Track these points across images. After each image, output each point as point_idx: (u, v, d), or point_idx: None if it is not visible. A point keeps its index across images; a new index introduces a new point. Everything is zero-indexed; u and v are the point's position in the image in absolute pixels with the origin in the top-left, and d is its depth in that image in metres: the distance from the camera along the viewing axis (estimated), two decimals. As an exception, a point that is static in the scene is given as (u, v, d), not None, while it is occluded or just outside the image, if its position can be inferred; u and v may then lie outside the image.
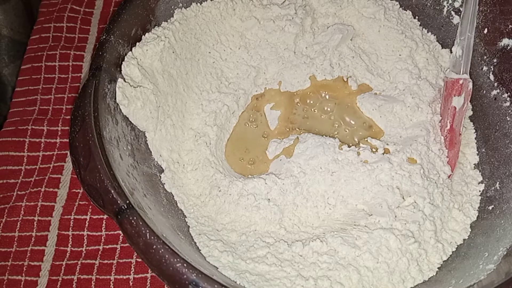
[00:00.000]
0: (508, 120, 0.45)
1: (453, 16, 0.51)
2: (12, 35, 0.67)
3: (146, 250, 0.31)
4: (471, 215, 0.43)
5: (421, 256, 0.39)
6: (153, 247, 0.31)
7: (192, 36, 0.48)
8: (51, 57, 0.61)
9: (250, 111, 0.50)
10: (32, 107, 0.58)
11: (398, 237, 0.39)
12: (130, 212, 0.31)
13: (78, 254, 0.48)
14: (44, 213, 0.51)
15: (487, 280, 0.34)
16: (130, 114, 0.41)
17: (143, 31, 0.44)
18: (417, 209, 0.41)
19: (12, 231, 0.50)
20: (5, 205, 0.51)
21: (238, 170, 0.47)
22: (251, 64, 0.51)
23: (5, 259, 0.48)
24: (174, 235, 0.36)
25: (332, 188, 0.42)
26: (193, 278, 0.29)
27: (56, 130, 0.56)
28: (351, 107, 0.50)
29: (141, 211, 0.32)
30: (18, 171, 0.53)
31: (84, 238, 0.49)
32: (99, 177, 0.32)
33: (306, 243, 0.39)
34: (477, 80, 0.48)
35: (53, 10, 0.65)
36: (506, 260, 0.36)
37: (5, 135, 0.55)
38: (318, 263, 0.38)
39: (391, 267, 0.38)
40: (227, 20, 0.51)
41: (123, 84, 0.40)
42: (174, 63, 0.46)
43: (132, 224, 0.31)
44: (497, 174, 0.44)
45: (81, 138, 0.34)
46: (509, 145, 0.44)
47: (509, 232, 0.39)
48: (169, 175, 0.43)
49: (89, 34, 0.64)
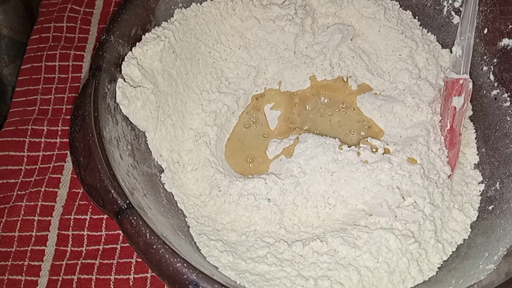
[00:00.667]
0: (508, 120, 0.45)
1: (453, 16, 0.51)
2: (12, 35, 0.67)
3: (146, 250, 0.31)
4: (471, 215, 0.43)
5: (421, 256, 0.39)
6: (153, 247, 0.31)
7: (192, 36, 0.48)
8: (51, 57, 0.61)
9: (250, 111, 0.50)
10: (32, 107, 0.58)
11: (398, 237, 0.39)
12: (130, 212, 0.31)
13: (78, 254, 0.48)
14: (44, 213, 0.51)
15: (487, 280, 0.34)
16: (130, 114, 0.41)
17: (143, 31, 0.44)
18: (417, 209, 0.41)
19: (12, 231, 0.50)
20: (5, 205, 0.51)
21: (238, 170, 0.47)
22: (251, 64, 0.51)
23: (5, 259, 0.48)
24: (174, 235, 0.36)
25: (332, 188, 0.42)
26: (193, 278, 0.29)
27: (56, 130, 0.56)
28: (351, 107, 0.50)
29: (141, 211, 0.32)
30: (18, 171, 0.53)
31: (84, 238, 0.49)
32: (99, 177, 0.32)
33: (306, 243, 0.39)
34: (477, 80, 0.48)
35: (53, 10, 0.65)
36: (506, 260, 0.36)
37: (5, 135, 0.55)
38: (318, 263, 0.38)
39: (391, 267, 0.38)
40: (227, 20, 0.51)
41: (123, 84, 0.40)
42: (174, 63, 0.46)
43: (132, 224, 0.31)
44: (497, 174, 0.44)
45: (81, 138, 0.34)
46: (509, 145, 0.44)
47: (509, 232, 0.39)
48: (169, 175, 0.43)
49: (89, 34, 0.64)
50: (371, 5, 0.53)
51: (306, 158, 0.44)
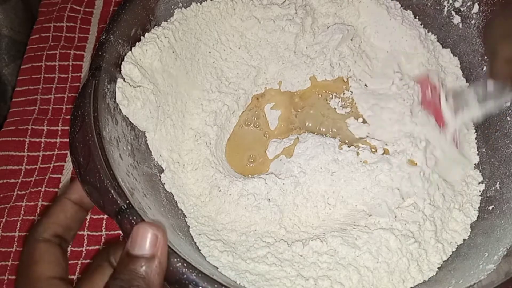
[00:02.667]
0: (508, 120, 0.45)
1: (454, 16, 0.51)
2: (12, 35, 0.67)
3: (146, 250, 0.31)
4: (471, 215, 0.43)
5: (421, 256, 0.39)
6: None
7: (192, 36, 0.48)
8: (51, 57, 0.61)
9: (251, 110, 0.50)
10: (32, 107, 0.58)
11: (398, 237, 0.39)
12: (130, 212, 0.31)
13: (78, 254, 0.48)
14: (44, 213, 0.51)
15: (487, 280, 0.34)
16: (130, 114, 0.41)
17: (143, 31, 0.44)
18: (417, 209, 0.41)
19: (12, 231, 0.50)
20: (5, 205, 0.51)
21: (238, 170, 0.47)
22: (251, 64, 0.51)
23: (5, 259, 0.48)
24: (174, 235, 0.36)
25: (332, 188, 0.42)
26: (193, 278, 0.29)
27: (56, 130, 0.56)
28: (350, 107, 0.50)
29: (141, 211, 0.32)
30: (18, 171, 0.53)
31: (84, 238, 0.49)
32: (99, 177, 0.32)
33: (306, 243, 0.39)
34: (477, 80, 0.48)
35: (53, 9, 0.65)
36: (506, 260, 0.36)
37: (5, 135, 0.55)
38: (318, 263, 0.38)
39: (391, 267, 0.38)
40: (227, 20, 0.51)
41: (123, 84, 0.40)
42: (174, 63, 0.46)
43: (132, 224, 0.31)
44: (497, 174, 0.44)
45: (81, 138, 0.34)
46: (509, 145, 0.44)
47: (509, 232, 0.39)
48: (169, 175, 0.43)
49: (89, 34, 0.64)
50: (373, 5, 0.53)
51: (306, 158, 0.44)
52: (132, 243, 0.29)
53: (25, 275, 0.32)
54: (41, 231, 0.33)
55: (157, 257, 0.29)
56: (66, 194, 0.35)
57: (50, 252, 0.33)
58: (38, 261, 0.32)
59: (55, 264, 0.33)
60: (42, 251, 0.33)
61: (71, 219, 0.35)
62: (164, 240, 0.29)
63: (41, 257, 0.32)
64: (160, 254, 0.29)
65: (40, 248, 0.33)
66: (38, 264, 0.32)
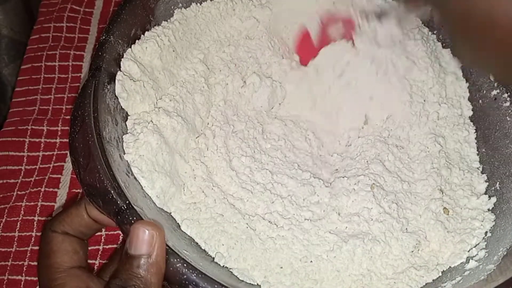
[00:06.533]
0: (508, 120, 0.45)
1: (453, 16, 0.51)
2: (12, 35, 0.67)
3: (146, 250, 0.31)
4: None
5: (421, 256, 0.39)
6: (153, 247, 0.30)
7: (192, 36, 0.48)
8: (51, 57, 0.61)
9: (250, 111, 0.50)
10: (32, 107, 0.58)
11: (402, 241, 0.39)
12: (130, 213, 0.31)
13: (78, 254, 0.48)
14: (44, 213, 0.51)
15: (487, 280, 0.34)
16: (129, 108, 0.40)
17: (142, 31, 0.44)
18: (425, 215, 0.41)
19: (12, 231, 0.50)
20: (5, 205, 0.51)
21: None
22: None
23: (5, 259, 0.48)
24: (175, 235, 0.36)
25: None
26: (193, 278, 0.29)
27: (56, 130, 0.56)
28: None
29: (141, 211, 0.32)
30: (18, 171, 0.53)
31: (84, 238, 0.49)
32: (98, 178, 0.32)
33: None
34: (477, 80, 0.48)
35: (53, 10, 0.65)
36: (506, 260, 0.36)
37: (5, 135, 0.55)
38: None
39: (396, 270, 0.38)
40: (227, 20, 0.51)
41: (123, 77, 0.39)
42: (174, 61, 0.45)
43: (132, 224, 0.31)
44: (497, 174, 0.44)
45: (80, 138, 0.34)
46: (509, 145, 0.44)
47: (509, 232, 0.39)
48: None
49: (89, 34, 0.64)
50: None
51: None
52: (129, 243, 0.29)
53: (45, 266, 0.33)
54: (57, 224, 0.34)
55: (153, 256, 0.29)
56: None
57: (66, 242, 0.34)
58: (56, 251, 0.33)
59: (72, 253, 0.33)
60: (59, 242, 0.34)
61: (85, 227, 0.35)
62: (161, 239, 0.29)
63: (58, 248, 0.33)
64: (156, 253, 0.29)
65: (57, 238, 0.34)
66: (56, 255, 0.33)
